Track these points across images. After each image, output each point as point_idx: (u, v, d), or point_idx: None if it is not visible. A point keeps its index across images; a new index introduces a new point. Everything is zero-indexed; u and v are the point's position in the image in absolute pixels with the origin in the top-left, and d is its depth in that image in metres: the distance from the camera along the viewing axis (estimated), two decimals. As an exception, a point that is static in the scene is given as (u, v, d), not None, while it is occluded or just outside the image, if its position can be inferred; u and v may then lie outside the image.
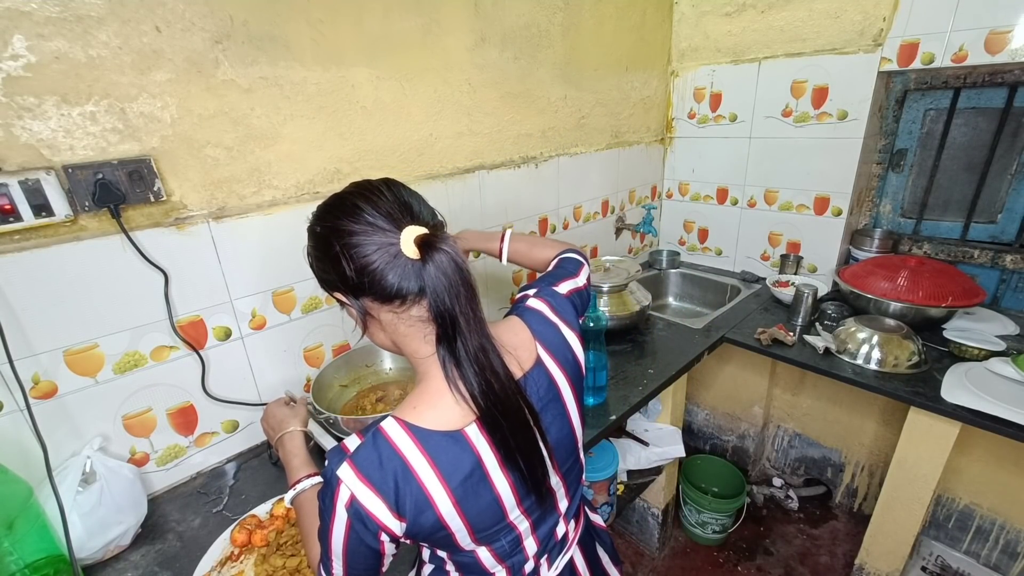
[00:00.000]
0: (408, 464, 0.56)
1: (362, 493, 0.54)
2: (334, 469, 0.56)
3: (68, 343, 0.87)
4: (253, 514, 0.92)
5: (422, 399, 0.61)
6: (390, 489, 0.55)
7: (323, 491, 0.57)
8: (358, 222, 0.58)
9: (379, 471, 0.55)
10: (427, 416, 0.59)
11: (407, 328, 0.62)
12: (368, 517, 0.54)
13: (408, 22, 1.17)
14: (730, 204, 2.00)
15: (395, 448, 0.56)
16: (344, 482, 0.55)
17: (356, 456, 0.56)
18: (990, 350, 1.30)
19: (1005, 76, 1.46)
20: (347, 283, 0.59)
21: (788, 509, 1.97)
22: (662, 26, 1.91)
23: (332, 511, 0.55)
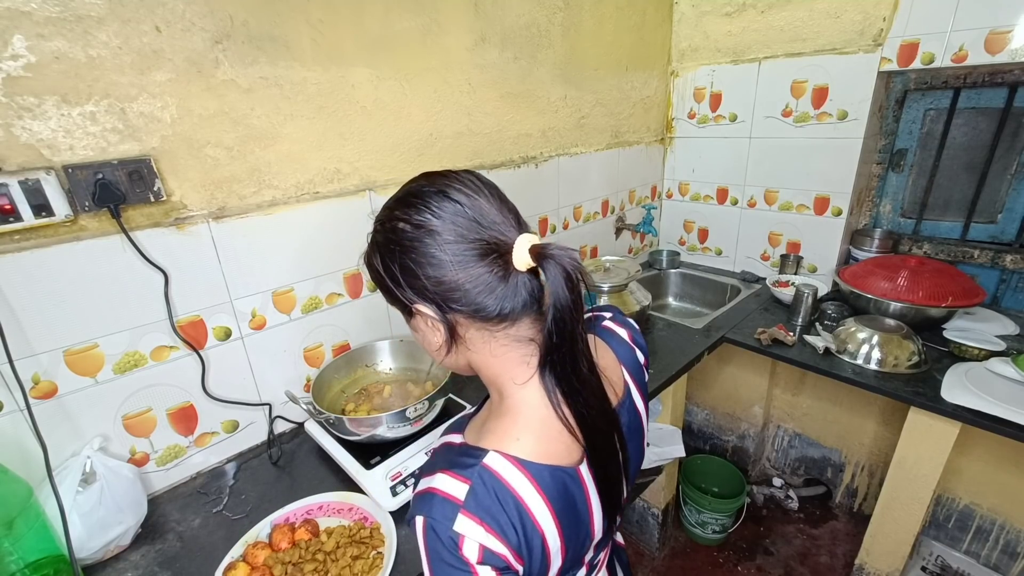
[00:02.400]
0: (525, 505, 0.49)
1: (490, 542, 0.47)
2: (446, 523, 0.47)
3: (68, 343, 0.87)
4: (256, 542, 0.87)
5: (525, 429, 0.52)
6: (510, 531, 0.48)
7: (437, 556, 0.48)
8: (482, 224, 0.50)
9: (496, 514, 0.48)
10: (536, 449, 0.51)
11: (500, 348, 0.54)
12: (503, 562, 0.47)
13: (408, 22, 1.17)
14: (730, 204, 2.00)
15: (509, 488, 0.49)
16: (467, 536, 0.47)
17: (469, 504, 0.47)
18: (990, 350, 1.30)
19: (1005, 76, 1.46)
20: (443, 294, 0.51)
21: (788, 509, 1.97)
22: (662, 26, 1.91)
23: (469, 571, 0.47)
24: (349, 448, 1.03)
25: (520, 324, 0.53)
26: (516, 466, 0.50)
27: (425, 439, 1.04)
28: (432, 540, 0.48)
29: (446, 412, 1.11)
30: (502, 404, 0.55)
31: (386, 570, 0.80)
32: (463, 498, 0.48)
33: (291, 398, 1.04)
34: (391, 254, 0.52)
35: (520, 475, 0.50)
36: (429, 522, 0.48)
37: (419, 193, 0.52)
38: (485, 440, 0.53)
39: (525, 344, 0.54)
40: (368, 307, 1.28)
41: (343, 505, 0.94)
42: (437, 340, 0.56)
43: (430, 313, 0.53)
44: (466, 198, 0.51)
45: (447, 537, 0.47)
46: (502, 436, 0.52)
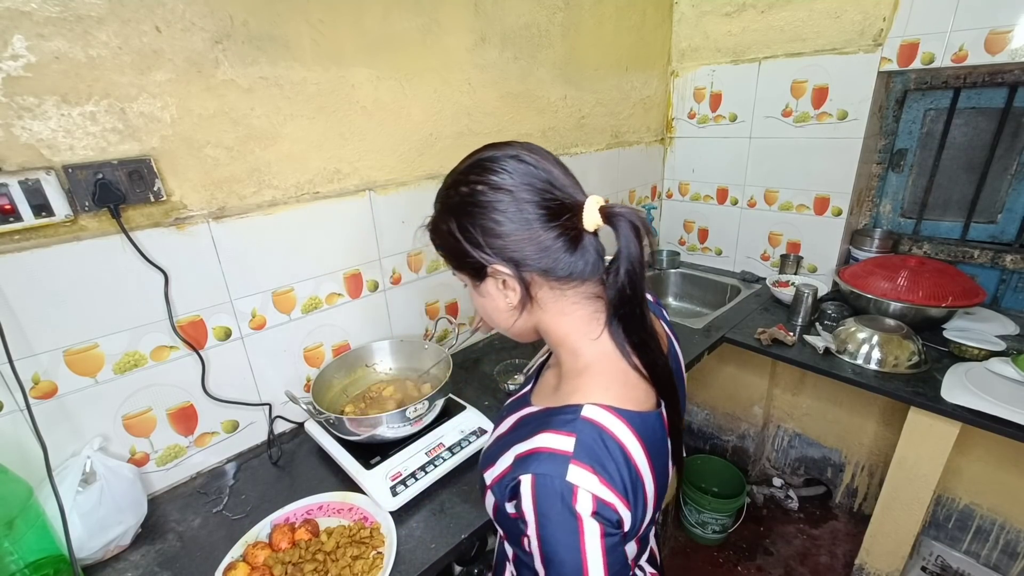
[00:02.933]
0: (625, 448, 0.51)
1: (602, 492, 0.48)
2: (559, 475, 0.48)
3: (68, 343, 0.87)
4: (256, 542, 0.87)
5: (611, 380, 0.55)
6: (617, 478, 0.49)
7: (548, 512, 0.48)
8: (554, 185, 0.52)
9: (604, 462, 0.49)
10: (625, 397, 0.54)
11: (570, 306, 0.56)
12: (614, 513, 0.48)
13: (408, 22, 1.17)
14: (730, 204, 2.00)
15: (611, 434, 0.51)
16: (580, 487, 0.47)
17: (579, 454, 0.49)
18: (990, 350, 1.30)
19: (1005, 76, 1.46)
20: (515, 254, 0.53)
21: (788, 509, 1.97)
22: (662, 26, 1.91)
23: (578, 526, 0.47)
24: (349, 448, 1.03)
25: (588, 282, 0.56)
26: (614, 414, 0.52)
27: (425, 439, 1.03)
28: (543, 496, 0.48)
29: (446, 412, 1.11)
30: (577, 362, 0.57)
31: (386, 570, 0.80)
32: (571, 450, 0.49)
33: (291, 398, 1.04)
34: (469, 216, 0.54)
35: (619, 422, 0.52)
36: (539, 478, 0.49)
37: (493, 158, 0.54)
38: (574, 397, 0.54)
39: (593, 301, 0.57)
40: (368, 307, 1.28)
41: (343, 505, 0.94)
42: (510, 301, 0.57)
43: (507, 272, 0.54)
44: (537, 161, 0.53)
45: (560, 490, 0.47)
46: (591, 389, 0.54)
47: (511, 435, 0.59)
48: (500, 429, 0.64)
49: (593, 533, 0.47)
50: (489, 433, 0.67)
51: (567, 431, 0.51)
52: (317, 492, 0.97)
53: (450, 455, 1.02)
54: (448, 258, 0.59)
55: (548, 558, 0.49)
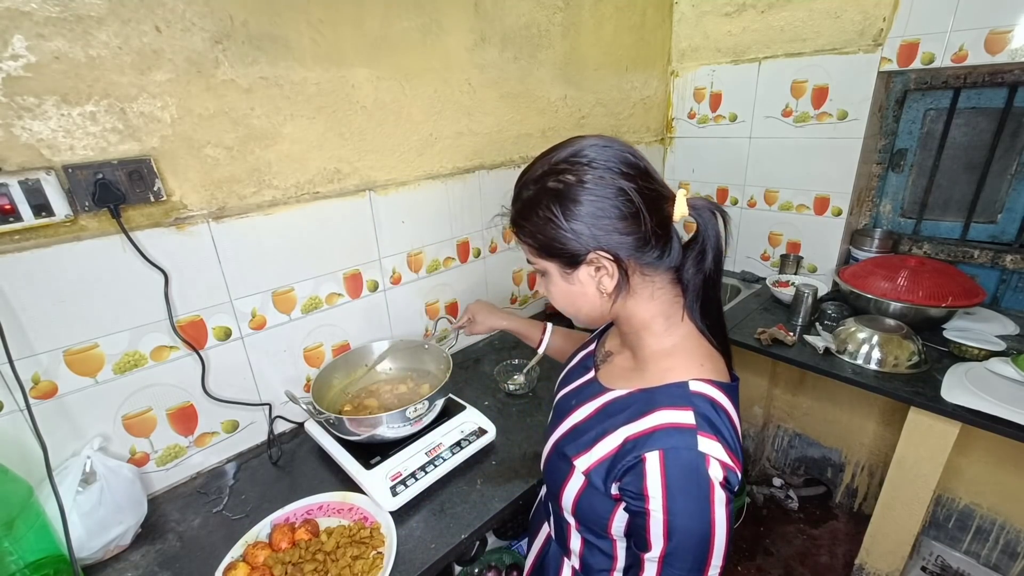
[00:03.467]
0: (732, 420, 0.55)
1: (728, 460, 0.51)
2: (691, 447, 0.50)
3: (68, 343, 0.87)
4: (256, 542, 0.86)
5: (703, 356, 0.59)
6: (736, 445, 0.53)
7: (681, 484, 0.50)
8: (651, 176, 0.56)
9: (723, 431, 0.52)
10: (717, 371, 0.58)
11: (659, 291, 0.60)
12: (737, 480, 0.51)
13: (408, 22, 1.17)
14: (730, 204, 2.00)
15: (720, 406, 0.54)
16: (712, 456, 0.50)
17: (703, 425, 0.52)
18: (990, 350, 1.30)
19: (1005, 76, 1.45)
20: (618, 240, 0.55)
21: (788, 509, 1.97)
22: (662, 26, 1.91)
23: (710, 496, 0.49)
24: (349, 448, 1.03)
25: (670, 270, 0.59)
26: (715, 387, 0.55)
27: (425, 439, 1.03)
28: (674, 469, 0.50)
29: (446, 412, 1.11)
30: (663, 343, 0.60)
31: (386, 570, 0.80)
32: (694, 422, 0.51)
33: (291, 398, 1.04)
34: (573, 202, 0.55)
35: (721, 394, 0.55)
36: (668, 452, 0.51)
37: (592, 148, 0.56)
38: (671, 375, 0.57)
39: (674, 286, 0.60)
40: (368, 307, 1.28)
41: (343, 505, 0.94)
42: (604, 288, 0.59)
43: (609, 258, 0.56)
44: (634, 154, 0.56)
45: (693, 461, 0.50)
46: (686, 367, 0.57)
47: (601, 420, 0.61)
48: (574, 418, 0.66)
49: (721, 500, 0.50)
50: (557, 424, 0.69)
51: (683, 405, 0.53)
52: (317, 492, 0.97)
53: (450, 455, 1.02)
54: (539, 245, 0.59)
55: (674, 528, 0.51)
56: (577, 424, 0.65)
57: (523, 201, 0.59)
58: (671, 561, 0.53)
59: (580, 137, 0.58)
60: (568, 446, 0.64)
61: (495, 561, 1.31)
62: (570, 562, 0.70)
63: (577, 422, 0.65)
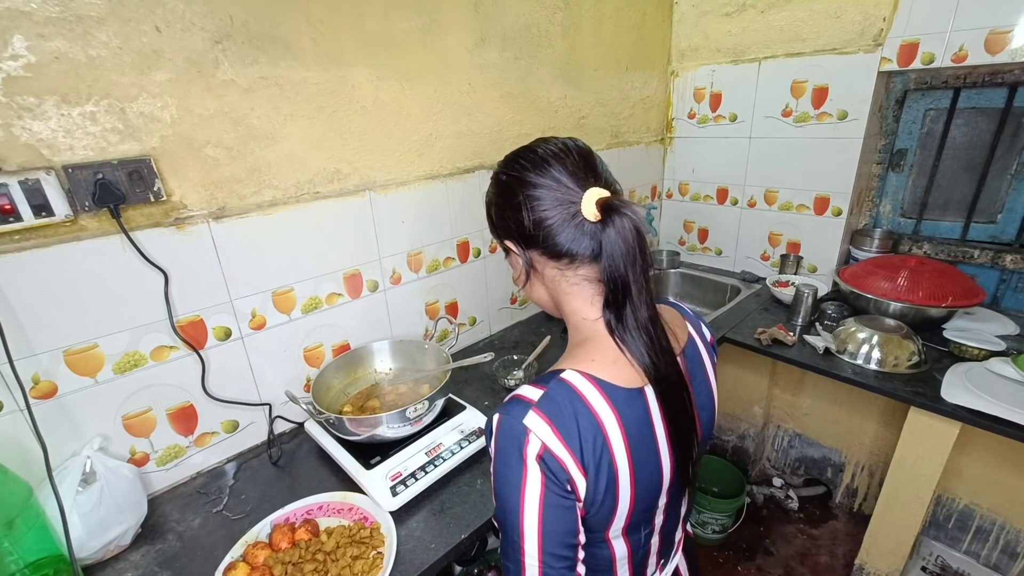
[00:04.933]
0: (595, 413, 0.54)
1: (553, 443, 0.51)
2: (518, 418, 0.52)
3: (68, 343, 0.87)
4: (256, 542, 0.86)
5: (599, 353, 0.59)
6: (575, 438, 0.52)
7: (503, 449, 0.53)
8: (544, 176, 0.58)
9: (565, 419, 0.52)
10: (607, 371, 0.57)
11: (570, 287, 0.62)
12: (562, 470, 0.51)
13: (408, 22, 1.17)
14: (730, 204, 2.00)
15: (582, 396, 0.54)
16: (533, 431, 0.51)
17: (542, 403, 0.53)
18: (990, 350, 1.30)
19: (1005, 76, 1.46)
20: (521, 233, 0.60)
21: (788, 509, 1.97)
22: (662, 26, 1.91)
23: (523, 468, 0.51)
24: (349, 448, 1.03)
25: (589, 267, 0.60)
26: (590, 381, 0.56)
27: (425, 439, 1.03)
28: (502, 435, 0.54)
29: (446, 412, 1.11)
30: (577, 336, 0.63)
31: (386, 570, 0.80)
32: (536, 399, 0.54)
33: (291, 398, 1.04)
34: (496, 199, 0.64)
35: (593, 389, 0.55)
36: (503, 418, 0.54)
37: (521, 153, 0.63)
38: (562, 364, 0.60)
39: (593, 284, 0.61)
40: (368, 307, 1.28)
41: (343, 505, 0.94)
42: (517, 273, 0.67)
43: (514, 249, 0.64)
44: (554, 157, 0.59)
45: (515, 430, 0.52)
46: (578, 359, 0.59)
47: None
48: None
49: (535, 479, 0.51)
50: None
51: (541, 385, 0.56)
52: (317, 492, 0.97)
53: (450, 455, 1.02)
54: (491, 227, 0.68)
55: (496, 492, 0.54)
56: None
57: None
58: (499, 526, 0.55)
59: (533, 141, 0.64)
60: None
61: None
62: None
63: None
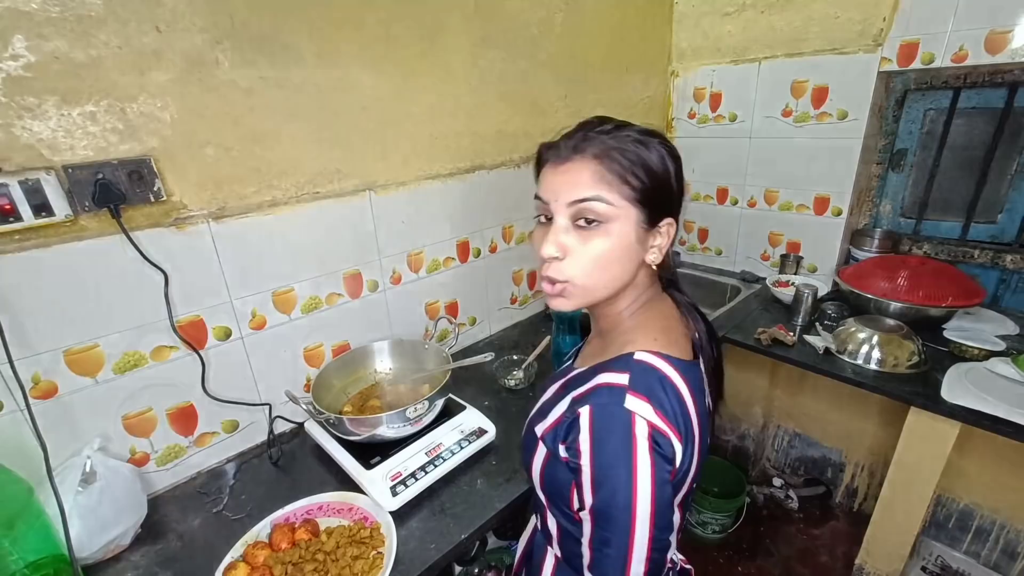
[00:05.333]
0: (675, 385, 0.53)
1: (656, 420, 0.49)
2: (618, 403, 0.50)
3: (68, 343, 0.87)
4: (256, 542, 0.86)
5: (659, 332, 0.59)
6: (672, 411, 0.51)
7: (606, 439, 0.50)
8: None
9: (658, 394, 0.51)
10: (669, 344, 0.57)
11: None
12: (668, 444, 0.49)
13: (408, 22, 1.17)
14: (730, 204, 2.00)
15: (663, 373, 0.53)
16: (637, 413, 0.49)
17: (635, 384, 0.51)
18: (990, 350, 1.30)
19: (1005, 76, 1.45)
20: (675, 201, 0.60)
21: (788, 509, 1.97)
22: (662, 26, 1.91)
23: (632, 452, 0.48)
24: (349, 448, 1.03)
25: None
26: (661, 358, 0.55)
27: (425, 439, 1.03)
28: (603, 424, 0.51)
29: (446, 412, 1.11)
30: (627, 320, 0.62)
31: (386, 570, 0.80)
32: (627, 382, 0.52)
33: (291, 398, 1.04)
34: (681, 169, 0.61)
35: (666, 364, 0.55)
36: (596, 408, 0.51)
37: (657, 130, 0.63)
38: (625, 349, 0.57)
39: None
40: (368, 307, 1.28)
41: (343, 505, 0.94)
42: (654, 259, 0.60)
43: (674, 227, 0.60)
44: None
45: (618, 416, 0.50)
46: (639, 339, 0.58)
47: (562, 394, 0.61)
48: (544, 396, 0.68)
49: (645, 459, 0.49)
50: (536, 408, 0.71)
51: (620, 370, 0.54)
52: (317, 492, 0.97)
53: (450, 455, 1.02)
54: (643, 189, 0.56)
55: (599, 482, 0.51)
56: (544, 401, 0.67)
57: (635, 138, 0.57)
58: (600, 522, 0.52)
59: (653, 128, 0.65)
60: (535, 421, 0.65)
61: (495, 561, 1.31)
62: (552, 550, 0.70)
63: (545, 399, 0.67)
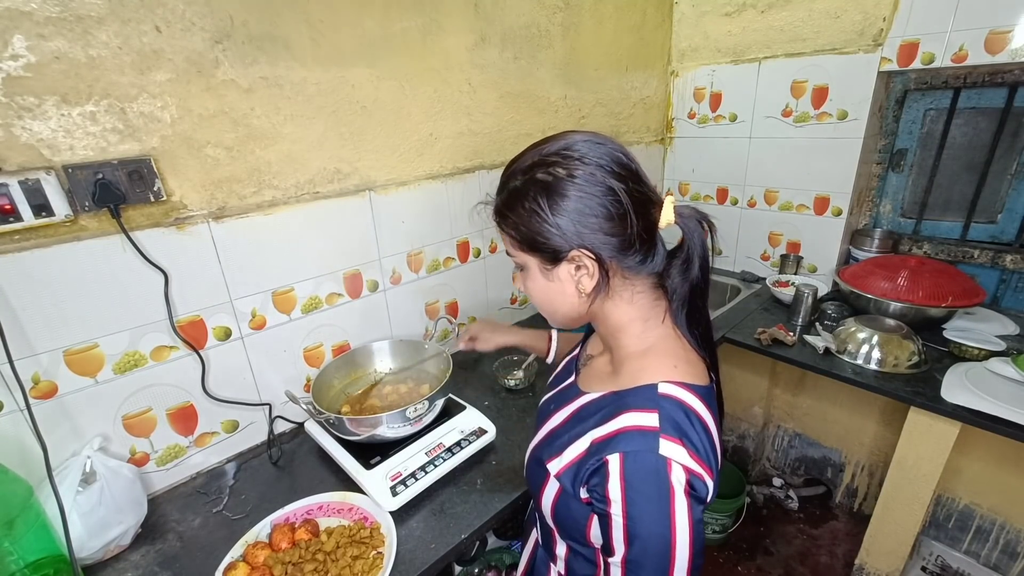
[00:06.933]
0: (702, 418, 0.52)
1: (692, 464, 0.48)
2: (652, 450, 0.48)
3: (68, 343, 0.87)
4: (256, 542, 0.86)
5: (677, 359, 0.57)
6: (704, 450, 0.50)
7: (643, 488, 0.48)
8: (641, 179, 0.55)
9: (690, 435, 0.50)
10: (690, 373, 0.56)
11: (638, 295, 0.59)
12: (704, 486, 0.49)
13: (408, 22, 1.17)
14: (730, 204, 2.00)
15: (689, 406, 0.52)
16: (673, 459, 0.48)
17: (666, 427, 0.49)
18: (990, 350, 1.30)
19: (1005, 76, 1.46)
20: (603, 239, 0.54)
21: (788, 509, 1.97)
22: (662, 26, 1.91)
23: (670, 500, 0.47)
24: (349, 448, 1.02)
25: (652, 275, 0.58)
26: (686, 389, 0.53)
27: (425, 439, 1.03)
28: (634, 472, 0.49)
29: (446, 412, 1.11)
30: (640, 345, 0.59)
31: (386, 570, 0.80)
32: (658, 425, 0.50)
33: (291, 398, 1.04)
34: (561, 196, 0.53)
35: (692, 396, 0.53)
36: (628, 455, 0.49)
37: (586, 144, 0.54)
38: (643, 377, 0.56)
39: (655, 290, 0.60)
40: (368, 307, 1.28)
41: (343, 505, 0.94)
42: (583, 288, 0.57)
43: (591, 257, 0.55)
44: (627, 154, 0.55)
45: (653, 464, 0.48)
46: (658, 369, 0.56)
47: (574, 424, 0.60)
48: (552, 423, 0.65)
49: (683, 505, 0.48)
50: (537, 429, 0.69)
51: (649, 408, 0.52)
52: (317, 492, 0.97)
53: (450, 455, 1.01)
54: (522, 238, 0.58)
55: (634, 534, 0.50)
56: (553, 429, 0.64)
57: (509, 191, 0.58)
58: (633, 568, 0.51)
59: (572, 131, 0.57)
60: (543, 451, 0.63)
61: (495, 561, 1.31)
62: (556, 567, 0.69)
63: (553, 427, 0.64)
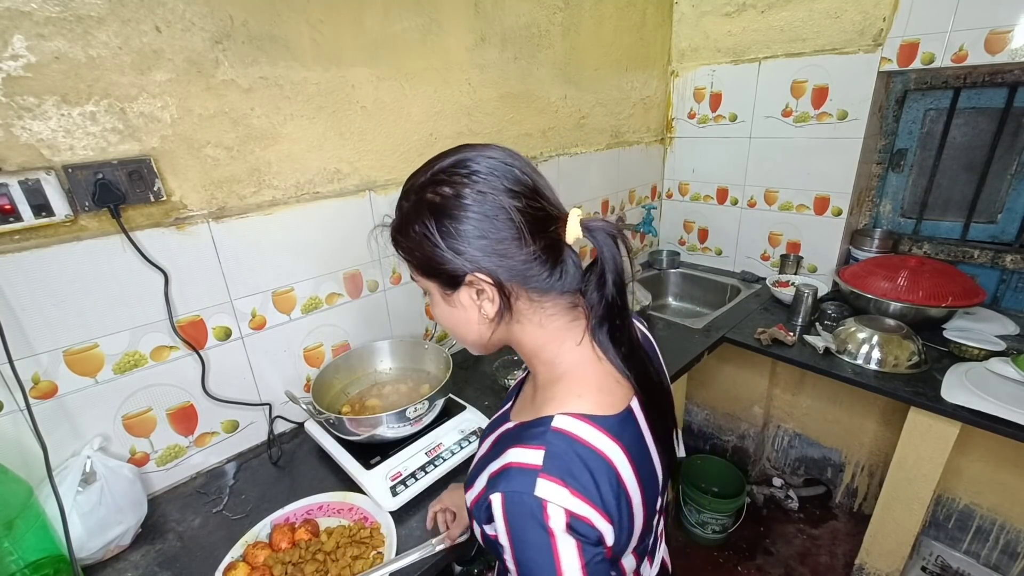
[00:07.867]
0: (602, 454, 0.49)
1: (575, 505, 0.45)
2: (527, 492, 0.45)
3: (68, 343, 0.87)
4: (256, 542, 0.87)
5: (585, 386, 0.53)
6: (594, 490, 0.47)
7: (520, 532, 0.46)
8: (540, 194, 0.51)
9: (577, 474, 0.47)
10: (600, 402, 0.52)
11: (548, 317, 0.55)
12: (592, 530, 0.46)
13: (408, 22, 1.17)
14: (730, 204, 2.00)
15: (584, 442, 0.49)
16: (550, 501, 0.45)
17: (548, 466, 0.46)
18: (990, 350, 1.30)
19: (1005, 76, 1.46)
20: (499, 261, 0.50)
21: (788, 509, 1.97)
22: (662, 26, 1.91)
23: (551, 545, 0.45)
24: (349, 448, 1.03)
25: (566, 294, 0.55)
26: (586, 422, 0.50)
27: (425, 439, 1.03)
28: (513, 515, 0.46)
29: (446, 412, 1.11)
30: (553, 372, 0.56)
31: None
32: (540, 463, 0.47)
33: (291, 398, 1.04)
34: (451, 218, 0.49)
35: (592, 430, 0.49)
36: (508, 496, 0.47)
37: (477, 160, 0.51)
38: (545, 408, 0.52)
39: (570, 311, 0.56)
40: (368, 307, 1.28)
41: (343, 505, 0.94)
42: (485, 313, 0.54)
43: (488, 281, 0.51)
44: (523, 168, 0.52)
45: (528, 506, 0.45)
46: (563, 399, 0.52)
47: (489, 455, 0.56)
48: (481, 450, 0.63)
49: (569, 549, 0.45)
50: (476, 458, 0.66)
51: (536, 444, 0.49)
52: (317, 492, 0.97)
53: (450, 455, 1.02)
54: (417, 263, 0.55)
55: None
56: (479, 457, 0.61)
57: (402, 213, 0.54)
58: None
59: (468, 145, 0.53)
60: (467, 480, 0.60)
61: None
62: None
63: (480, 455, 0.62)
